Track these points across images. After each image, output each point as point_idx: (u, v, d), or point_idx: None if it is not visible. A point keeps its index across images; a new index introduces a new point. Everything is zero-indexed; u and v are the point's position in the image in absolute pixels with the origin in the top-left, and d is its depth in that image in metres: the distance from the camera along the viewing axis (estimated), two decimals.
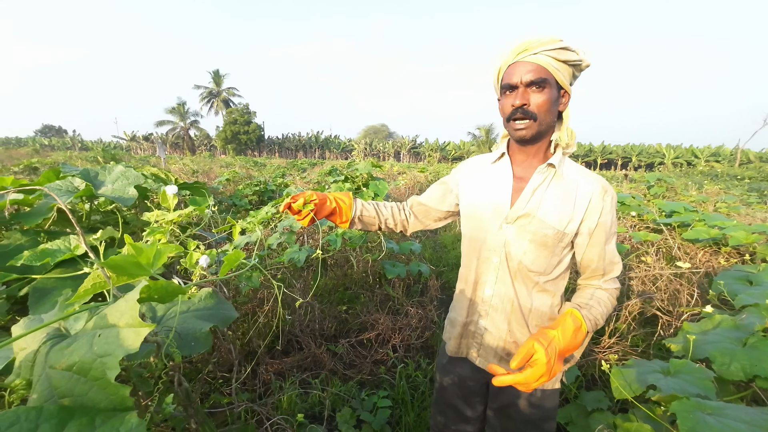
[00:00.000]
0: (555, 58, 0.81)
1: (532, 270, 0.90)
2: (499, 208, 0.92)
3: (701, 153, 37.62)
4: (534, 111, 0.83)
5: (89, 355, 0.33)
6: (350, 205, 1.06)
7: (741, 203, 5.58)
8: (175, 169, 8.92)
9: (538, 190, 0.88)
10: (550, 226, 0.86)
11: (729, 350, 1.15)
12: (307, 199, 0.97)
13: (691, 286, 1.93)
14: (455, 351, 1.04)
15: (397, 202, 1.21)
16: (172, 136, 46.29)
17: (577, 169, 0.91)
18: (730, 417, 0.87)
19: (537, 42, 0.81)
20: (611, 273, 0.92)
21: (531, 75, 0.81)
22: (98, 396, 0.33)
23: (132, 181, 1.03)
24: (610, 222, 0.88)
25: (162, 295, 0.43)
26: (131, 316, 0.35)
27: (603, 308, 0.88)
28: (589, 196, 0.87)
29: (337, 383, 1.97)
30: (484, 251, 0.94)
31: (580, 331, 0.81)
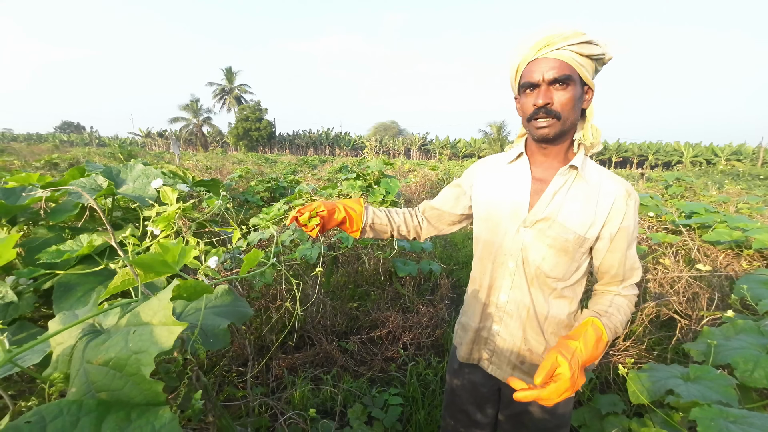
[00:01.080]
0: (579, 53, 0.77)
1: (551, 276, 0.87)
2: (516, 211, 0.88)
3: (721, 151, 36.46)
4: (558, 110, 0.79)
5: (125, 351, 0.34)
6: (361, 213, 1.02)
7: (764, 204, 5.40)
8: (188, 165, 9.07)
9: (559, 193, 0.85)
10: (571, 231, 0.83)
11: (753, 356, 1.12)
12: (313, 213, 0.94)
13: (711, 289, 1.88)
14: (467, 357, 1.02)
15: (407, 207, 1.18)
16: (186, 132, 47.03)
17: (600, 170, 0.88)
18: (756, 426, 0.85)
19: (560, 36, 0.77)
20: (631, 279, 0.89)
21: (554, 72, 0.78)
22: (133, 391, 0.34)
23: (152, 179, 1.06)
24: (633, 227, 0.85)
25: (191, 294, 0.44)
26: (164, 314, 0.36)
27: (623, 316, 0.85)
28: (611, 199, 0.83)
29: (348, 380, 1.99)
30: (500, 255, 0.91)
31: (602, 341, 0.78)
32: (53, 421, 0.29)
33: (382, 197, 3.34)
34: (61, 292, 0.83)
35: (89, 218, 1.09)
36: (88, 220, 1.10)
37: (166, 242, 0.51)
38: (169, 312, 0.36)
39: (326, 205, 0.97)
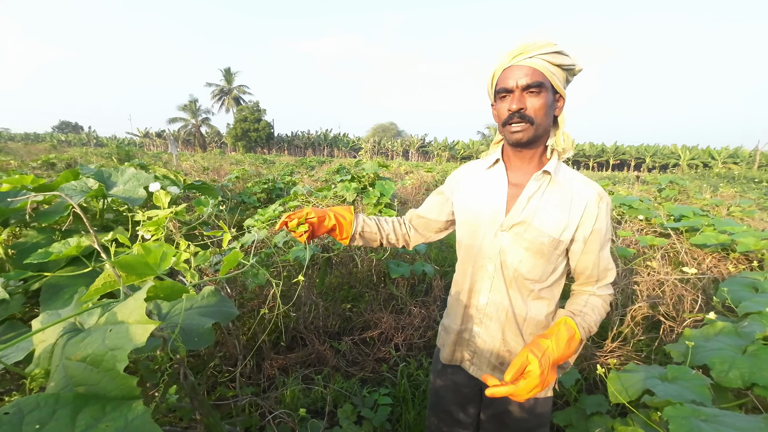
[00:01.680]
0: (550, 62, 0.81)
1: (528, 278, 0.90)
2: (494, 216, 0.91)
3: (718, 155, 36.67)
4: (531, 115, 0.83)
5: (101, 348, 0.37)
6: (351, 221, 1.04)
7: (757, 207, 5.45)
8: (186, 166, 9.08)
9: (534, 197, 0.88)
10: (546, 234, 0.86)
11: (728, 357, 1.15)
12: (301, 219, 0.95)
13: (696, 291, 1.91)
14: (449, 359, 1.04)
15: (403, 210, 1.21)
16: (184, 133, 47.00)
17: (573, 175, 0.91)
18: (726, 424, 0.88)
19: (533, 46, 0.81)
20: (605, 279, 0.92)
21: (527, 78, 0.81)
22: (109, 385, 0.36)
23: (142, 182, 1.08)
24: (605, 229, 0.88)
25: (168, 294, 0.46)
26: (139, 313, 0.39)
27: (597, 315, 0.88)
28: (584, 202, 0.86)
29: (339, 380, 2.01)
30: (479, 259, 0.94)
31: (574, 339, 0.81)
32: (31, 413, 0.31)
33: (377, 199, 3.36)
34: (50, 293, 0.85)
35: (80, 220, 1.11)
36: (79, 222, 1.12)
37: (148, 245, 0.53)
38: (143, 311, 0.38)
39: (316, 212, 0.99)
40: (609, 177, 15.48)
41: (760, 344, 1.16)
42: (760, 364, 1.09)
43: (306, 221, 0.97)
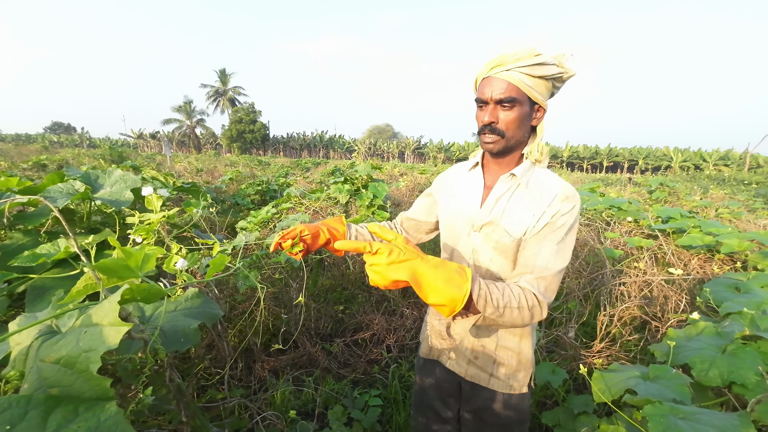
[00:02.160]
0: (529, 75, 0.81)
1: (499, 277, 0.91)
2: (468, 217, 0.94)
3: (709, 157, 37.18)
4: (502, 129, 0.84)
5: (75, 349, 0.37)
6: (344, 233, 1.05)
7: (745, 209, 5.53)
8: (179, 168, 9.02)
9: (502, 198, 0.90)
10: (509, 235, 0.87)
11: (708, 357, 1.17)
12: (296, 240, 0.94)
13: (681, 292, 1.94)
14: (427, 352, 1.08)
15: (397, 212, 1.24)
16: (179, 134, 46.72)
17: (547, 179, 0.90)
18: (703, 422, 0.90)
19: (512, 56, 0.80)
20: (538, 275, 0.81)
21: (501, 93, 0.82)
22: (83, 387, 0.37)
23: (129, 185, 1.08)
24: (559, 224, 0.83)
25: (145, 297, 0.47)
26: (113, 315, 0.39)
27: (504, 295, 0.75)
28: (549, 201, 0.85)
29: (330, 381, 2.01)
30: (455, 258, 0.97)
31: (454, 276, 0.68)
32: (1, 413, 0.31)
33: (370, 201, 3.37)
34: (34, 295, 0.85)
35: (67, 222, 1.11)
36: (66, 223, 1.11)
37: (129, 248, 0.53)
38: (116, 314, 0.39)
39: (310, 228, 0.99)
40: (602, 179, 15.63)
41: (738, 344, 1.18)
42: (738, 363, 1.11)
43: (300, 240, 0.97)
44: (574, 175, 20.04)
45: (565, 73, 0.85)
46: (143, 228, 0.79)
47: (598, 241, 2.47)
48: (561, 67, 0.84)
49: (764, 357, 1.15)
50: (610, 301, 2.17)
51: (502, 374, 0.97)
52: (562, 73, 0.85)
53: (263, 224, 3.27)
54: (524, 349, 0.97)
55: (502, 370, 0.97)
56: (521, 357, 0.97)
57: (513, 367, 0.97)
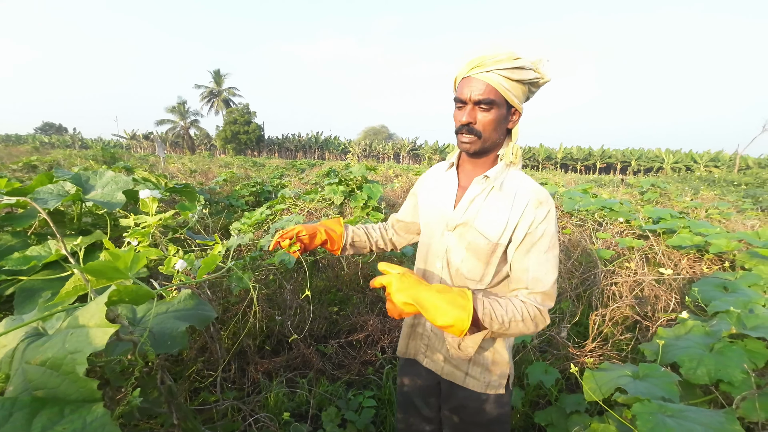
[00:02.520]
0: (507, 78, 0.81)
1: (469, 278, 0.92)
2: (443, 216, 0.95)
3: (700, 158, 37.72)
4: (479, 129, 0.85)
5: (61, 351, 0.37)
6: (341, 233, 1.10)
7: (735, 209, 5.62)
8: (173, 169, 8.95)
9: (476, 200, 0.90)
10: (483, 237, 0.87)
11: (697, 355, 1.19)
12: (293, 241, 0.99)
13: (671, 292, 1.97)
14: (404, 351, 1.10)
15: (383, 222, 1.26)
16: (172, 135, 46.38)
17: (520, 181, 0.90)
18: (690, 419, 0.91)
19: (492, 59, 0.81)
20: (534, 289, 0.84)
21: (480, 94, 0.82)
22: (69, 389, 0.37)
23: (121, 186, 1.07)
24: (540, 234, 0.84)
25: (133, 299, 0.47)
26: (99, 317, 0.39)
27: (508, 310, 0.79)
28: (523, 207, 0.85)
29: (324, 383, 2.01)
30: (430, 256, 0.99)
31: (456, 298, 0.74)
32: None
33: (364, 202, 3.38)
34: (23, 297, 0.84)
35: (56, 224, 1.10)
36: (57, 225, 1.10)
37: (117, 249, 0.53)
38: (103, 315, 0.39)
39: (307, 229, 1.04)
40: (595, 180, 15.79)
41: (725, 342, 1.20)
42: (725, 361, 1.13)
43: (298, 239, 1.02)
44: (568, 176, 20.22)
45: (541, 78, 0.86)
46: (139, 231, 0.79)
47: (590, 242, 2.49)
48: (537, 72, 0.85)
49: (750, 355, 1.17)
50: (602, 301, 2.20)
51: (477, 373, 0.97)
52: (539, 79, 0.86)
53: (257, 226, 3.25)
54: (498, 348, 0.97)
55: (477, 369, 0.97)
56: (495, 356, 0.97)
57: (488, 366, 0.97)
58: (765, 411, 1.00)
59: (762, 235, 1.96)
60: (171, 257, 0.68)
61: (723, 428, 0.85)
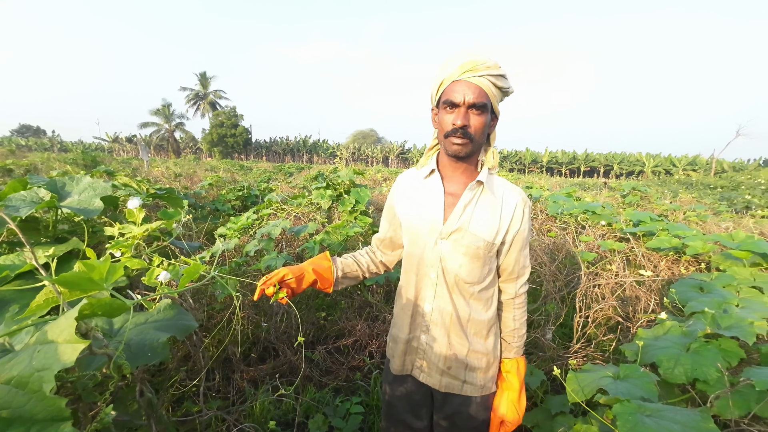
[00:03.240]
0: (494, 84, 0.86)
1: (468, 281, 0.94)
2: (433, 225, 0.95)
3: (679, 162, 39.00)
4: (472, 133, 0.87)
5: (28, 369, 0.36)
6: (329, 267, 1.05)
7: (711, 212, 5.83)
8: (157, 172, 8.76)
9: (469, 206, 0.93)
10: (481, 239, 0.92)
11: (674, 355, 1.23)
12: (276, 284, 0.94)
13: (651, 293, 2.03)
14: (400, 369, 1.05)
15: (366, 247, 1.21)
16: (157, 138, 45.44)
17: (502, 183, 0.98)
18: (667, 418, 0.94)
19: (483, 64, 0.84)
20: (523, 276, 1.02)
21: (474, 97, 0.84)
22: (36, 407, 0.35)
23: (99, 193, 1.04)
24: (527, 230, 0.97)
25: (107, 312, 0.45)
26: (69, 332, 0.38)
27: (524, 323, 1.05)
28: (513, 207, 0.94)
29: (311, 390, 1.99)
30: (422, 267, 0.97)
31: (520, 367, 1.01)
32: None
33: (352, 206, 3.37)
34: None
35: (30, 232, 1.07)
36: (29, 233, 1.07)
37: (92, 260, 0.52)
38: (73, 330, 0.38)
39: (293, 271, 0.99)
40: (579, 183, 16.14)
41: (701, 342, 1.24)
42: (701, 361, 1.17)
43: (284, 283, 0.97)
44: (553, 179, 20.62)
45: (510, 88, 0.91)
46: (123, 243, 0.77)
47: (573, 245, 2.55)
48: (510, 83, 0.90)
49: (725, 354, 1.21)
50: (585, 303, 2.24)
51: (473, 379, 0.99)
52: (510, 89, 0.91)
53: (243, 231, 3.21)
54: (490, 348, 1.00)
55: (473, 375, 0.99)
56: (489, 357, 1.00)
57: (483, 369, 0.99)
58: (738, 409, 1.04)
59: (735, 237, 2.04)
60: (154, 268, 0.67)
61: (698, 426, 0.87)
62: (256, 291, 0.95)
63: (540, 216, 3.59)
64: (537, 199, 4.39)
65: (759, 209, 6.11)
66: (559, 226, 3.13)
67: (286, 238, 2.87)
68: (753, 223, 3.73)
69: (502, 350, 1.04)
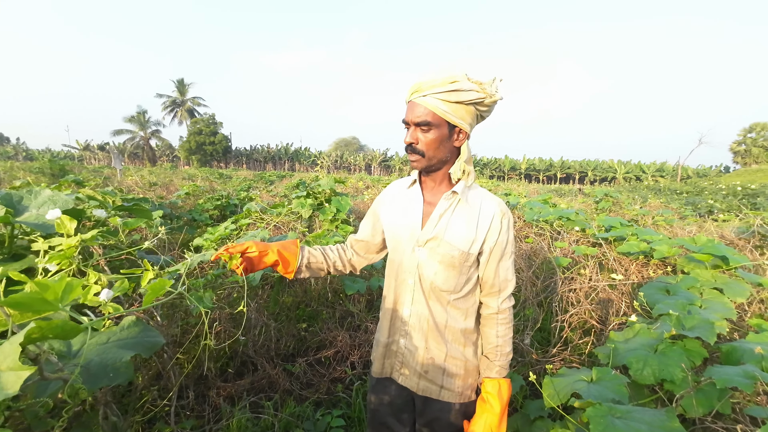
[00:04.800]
0: (445, 100, 0.87)
1: (444, 289, 0.96)
2: (412, 232, 0.98)
3: (648, 169, 40.94)
4: (422, 149, 0.92)
5: None
6: (295, 252, 1.06)
7: (677, 216, 6.12)
8: (130, 182, 8.46)
9: (445, 215, 0.95)
10: (456, 248, 0.93)
11: (643, 356, 1.27)
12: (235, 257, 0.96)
13: (622, 296, 2.10)
14: (380, 371, 1.08)
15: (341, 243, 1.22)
16: (131, 146, 43.98)
17: (481, 193, 0.99)
18: (635, 419, 0.96)
19: (427, 84, 0.87)
20: (506, 290, 1.00)
21: (417, 117, 0.89)
22: None
23: (60, 206, 1.00)
24: (506, 242, 0.97)
25: (59, 334, 0.43)
26: (13, 359, 0.36)
27: (508, 341, 1.02)
28: (490, 218, 0.95)
29: (291, 404, 1.94)
30: (401, 273, 1.00)
31: (502, 390, 0.97)
32: None
33: (333, 215, 3.35)
34: None
35: None
36: None
37: (44, 280, 0.49)
38: (17, 356, 0.36)
39: (258, 246, 1.00)
40: (556, 190, 16.65)
41: (668, 343, 1.29)
42: (667, 361, 1.21)
43: (244, 255, 0.98)
44: (531, 186, 21.20)
45: (486, 97, 0.90)
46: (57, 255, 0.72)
47: (549, 250, 2.62)
48: (483, 93, 0.89)
49: (689, 354, 1.26)
50: (561, 307, 2.30)
51: (451, 385, 1.00)
52: (484, 98, 0.89)
53: (221, 242, 3.13)
54: (468, 356, 1.01)
55: (451, 381, 1.00)
56: (467, 364, 1.01)
57: (461, 376, 1.00)
58: (702, 407, 1.08)
59: (697, 240, 2.15)
60: (91, 286, 0.63)
61: (664, 426, 0.91)
62: (215, 254, 0.98)
63: (518, 222, 3.68)
64: (515, 206, 4.49)
65: (721, 213, 6.47)
66: (535, 232, 3.21)
67: None
68: (715, 227, 3.95)
69: (482, 368, 1.02)
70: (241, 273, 0.96)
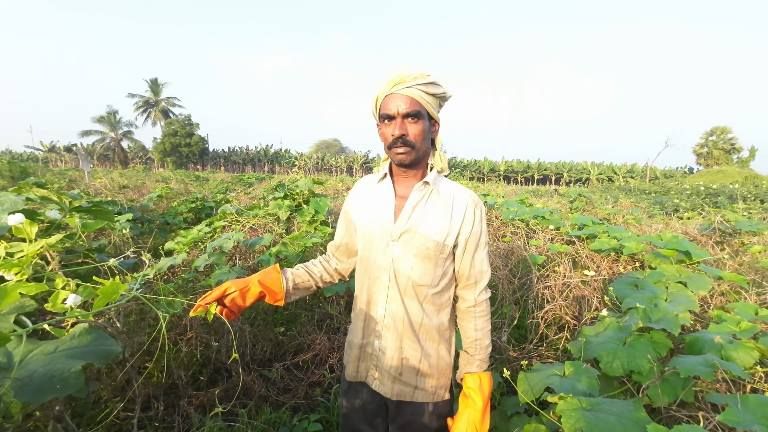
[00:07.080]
0: (425, 92, 0.89)
1: (421, 284, 0.95)
2: (384, 227, 0.96)
3: (619, 170, 42.70)
4: (412, 140, 0.91)
5: None
6: (277, 278, 1.01)
7: (646, 215, 6.40)
8: (98, 185, 8.07)
9: (418, 206, 0.95)
10: (431, 240, 0.93)
11: (612, 349, 1.31)
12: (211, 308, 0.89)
13: (594, 292, 2.16)
14: (354, 375, 1.05)
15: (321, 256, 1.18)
16: (101, 147, 42.03)
17: (452, 185, 1.00)
18: (605, 411, 0.98)
19: (409, 76, 0.88)
20: (482, 281, 1.00)
21: (406, 107, 0.88)
22: None
23: (8, 207, 0.92)
24: (479, 232, 0.97)
25: None
26: None
27: (487, 334, 1.02)
28: (464, 208, 0.95)
29: (267, 411, 1.88)
30: (374, 270, 0.97)
31: (483, 384, 0.96)
32: None
33: (311, 216, 3.30)
34: None
35: None
36: None
37: None
38: None
39: (236, 284, 0.94)
40: (533, 191, 17.11)
41: (635, 335, 1.34)
42: (635, 353, 1.25)
43: (225, 297, 0.92)
44: (510, 187, 21.70)
45: (446, 93, 0.95)
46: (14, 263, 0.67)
47: (524, 249, 2.67)
48: (444, 88, 0.94)
49: (655, 345, 1.30)
50: (537, 304, 2.34)
51: (424, 385, 0.99)
52: (446, 93, 0.95)
53: (194, 245, 3.02)
54: (442, 354, 1.00)
55: (424, 380, 0.98)
56: (440, 362, 1.00)
57: (435, 375, 0.99)
58: (667, 396, 1.12)
59: (663, 237, 2.24)
60: (59, 291, 0.59)
61: (632, 416, 0.93)
62: (194, 308, 0.90)
63: (495, 222, 3.74)
64: (492, 206, 4.57)
65: (686, 212, 6.81)
66: (512, 231, 3.28)
67: (240, 251, 2.74)
68: (680, 224, 4.14)
69: (463, 364, 1.02)
70: (228, 318, 0.92)
